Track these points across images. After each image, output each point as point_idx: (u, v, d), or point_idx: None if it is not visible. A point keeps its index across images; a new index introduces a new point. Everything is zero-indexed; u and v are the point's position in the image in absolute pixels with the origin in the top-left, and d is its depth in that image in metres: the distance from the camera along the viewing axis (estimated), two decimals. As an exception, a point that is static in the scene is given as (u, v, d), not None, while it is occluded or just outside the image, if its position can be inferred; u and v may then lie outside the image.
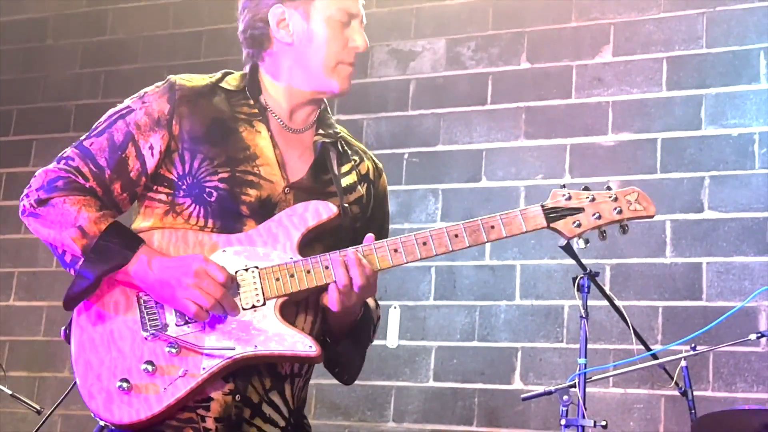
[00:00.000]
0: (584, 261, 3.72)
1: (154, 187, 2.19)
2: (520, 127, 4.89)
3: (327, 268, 2.08)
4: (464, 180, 4.90)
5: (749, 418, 3.40)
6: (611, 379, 4.28)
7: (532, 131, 4.85)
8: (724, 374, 4.27)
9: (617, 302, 3.77)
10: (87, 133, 2.21)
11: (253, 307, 2.07)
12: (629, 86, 4.73)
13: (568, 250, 3.66)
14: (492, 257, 4.76)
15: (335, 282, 2.07)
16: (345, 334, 2.26)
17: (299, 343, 2.06)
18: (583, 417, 3.44)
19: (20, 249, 5.60)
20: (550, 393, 3.64)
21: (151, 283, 2.07)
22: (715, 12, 4.65)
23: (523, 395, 3.89)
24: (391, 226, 2.47)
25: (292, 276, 2.08)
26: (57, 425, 5.26)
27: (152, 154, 2.17)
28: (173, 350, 2.05)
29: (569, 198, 2.14)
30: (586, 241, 2.16)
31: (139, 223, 2.19)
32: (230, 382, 2.08)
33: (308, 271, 2.08)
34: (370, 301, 2.32)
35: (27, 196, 2.14)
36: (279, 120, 2.26)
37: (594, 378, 3.73)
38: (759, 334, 3.53)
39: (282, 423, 2.16)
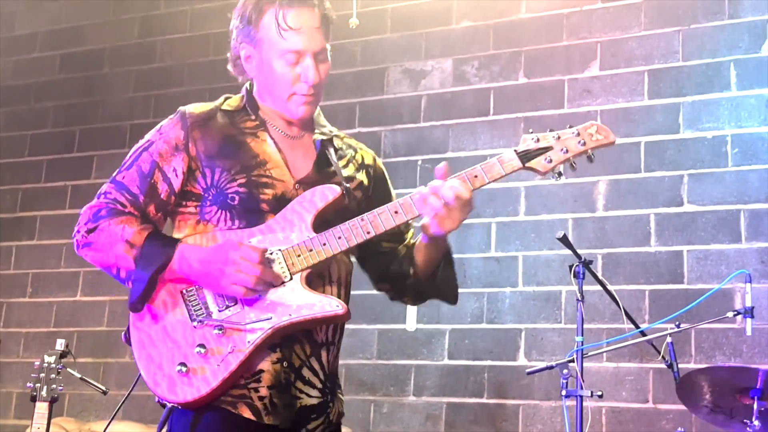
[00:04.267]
0: (579, 251, 3.70)
1: (184, 203, 2.21)
2: (519, 134, 4.86)
3: (339, 238, 2.11)
4: (471, 182, 4.88)
5: (725, 376, 3.37)
6: (605, 354, 4.26)
7: (530, 138, 4.83)
8: (705, 348, 4.24)
9: (609, 287, 3.75)
10: (117, 170, 2.24)
11: (283, 283, 2.09)
12: (615, 96, 4.71)
13: (564, 241, 3.65)
14: (497, 249, 4.75)
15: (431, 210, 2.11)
16: (439, 264, 2.31)
17: (327, 305, 2.09)
18: (581, 388, 3.43)
19: (85, 251, 5.63)
20: (551, 368, 3.62)
21: (196, 275, 2.09)
22: (690, 29, 4.63)
23: (527, 370, 3.88)
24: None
25: (310, 251, 2.10)
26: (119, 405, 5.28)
27: (176, 175, 2.19)
28: (219, 332, 2.07)
29: (537, 140, 2.16)
30: (560, 174, 2.15)
31: (174, 235, 2.21)
32: (276, 351, 2.10)
33: (324, 244, 2.11)
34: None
35: (77, 231, 2.18)
36: (278, 129, 2.28)
37: (590, 354, 3.71)
38: (735, 312, 3.51)
39: (319, 385, 2.17)
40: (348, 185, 2.25)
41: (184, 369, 2.05)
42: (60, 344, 3.83)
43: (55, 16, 6.39)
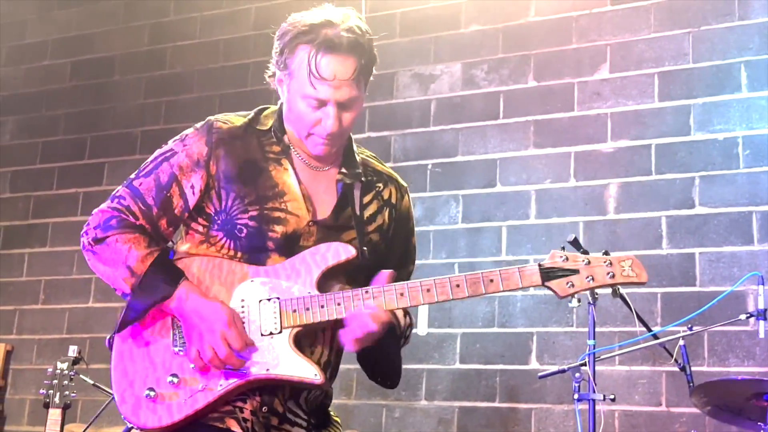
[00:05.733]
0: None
1: (196, 218, 2.17)
2: (529, 138, 4.87)
3: (339, 304, 2.05)
4: (481, 186, 4.88)
5: (741, 387, 3.36)
6: (617, 357, 4.25)
7: (540, 141, 4.83)
8: (718, 351, 4.22)
9: (621, 290, 3.74)
10: (136, 172, 2.18)
11: (271, 334, 2.05)
12: (625, 99, 4.70)
13: (575, 244, 3.63)
14: (508, 253, 4.74)
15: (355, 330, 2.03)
16: (372, 350, 2.17)
17: (306, 371, 2.04)
18: (594, 392, 3.42)
19: (97, 257, 5.64)
20: (563, 371, 3.61)
21: (184, 319, 2.06)
22: (700, 31, 4.61)
23: (539, 374, 3.87)
24: (418, 229, 2.43)
25: (307, 309, 2.05)
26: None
27: (193, 193, 2.14)
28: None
29: (566, 260, 2.07)
30: (579, 300, 2.10)
31: (180, 246, 2.19)
32: (257, 395, 2.07)
33: (322, 306, 2.05)
34: (399, 314, 2.25)
35: (86, 233, 2.14)
36: (302, 159, 2.19)
37: (602, 357, 3.70)
38: (748, 315, 3.50)
39: (305, 424, 2.14)
40: (364, 241, 2.17)
41: (152, 394, 2.03)
42: (73, 351, 3.85)
43: (66, 24, 6.42)
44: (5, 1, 6.55)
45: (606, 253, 2.08)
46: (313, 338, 2.11)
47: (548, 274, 2.06)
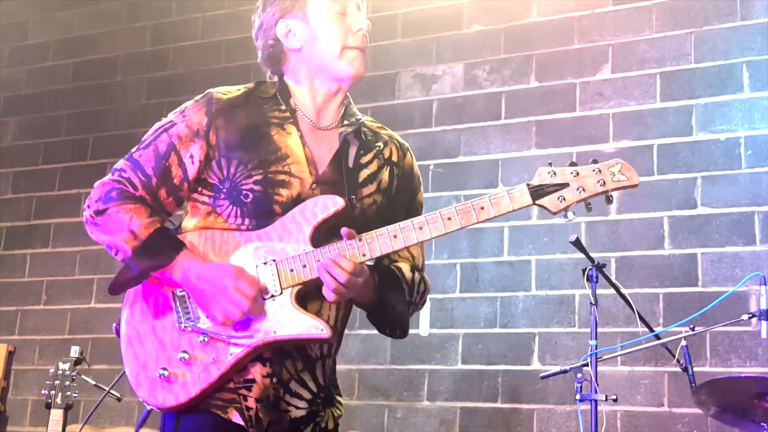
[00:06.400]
0: (592, 254, 3.69)
1: (199, 189, 2.17)
2: (531, 138, 4.87)
3: None
4: (483, 186, 4.88)
5: (743, 385, 3.35)
6: (619, 358, 4.24)
7: (542, 142, 4.83)
8: (720, 351, 4.22)
9: (623, 290, 3.74)
10: (137, 146, 2.20)
11: (272, 297, 2.06)
12: (627, 99, 4.70)
13: (577, 245, 3.64)
14: (510, 254, 4.74)
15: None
16: (373, 306, 2.22)
17: (312, 327, 2.04)
18: (596, 392, 3.41)
19: (99, 258, 5.65)
20: (565, 372, 3.61)
21: (190, 289, 2.08)
22: (702, 31, 4.61)
23: (541, 374, 3.87)
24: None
25: (304, 266, 2.05)
26: (134, 411, 5.30)
27: (192, 162, 2.15)
28: (204, 339, 2.06)
29: (554, 174, 2.02)
30: (573, 213, 2.04)
31: (186, 222, 2.19)
32: (267, 365, 2.08)
33: (318, 260, 2.04)
34: (406, 272, 2.26)
35: (88, 207, 2.15)
36: (308, 120, 2.23)
37: (604, 357, 3.70)
38: (750, 315, 3.49)
39: (308, 396, 2.13)
40: (356, 192, 2.18)
41: (165, 373, 2.04)
42: (74, 351, 3.85)
43: (68, 25, 6.43)
44: (7, 2, 6.56)
45: (594, 161, 2.03)
46: (319, 298, 2.09)
47: (537, 192, 2.01)
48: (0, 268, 6.06)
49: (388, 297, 2.22)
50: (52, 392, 3.70)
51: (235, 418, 2.05)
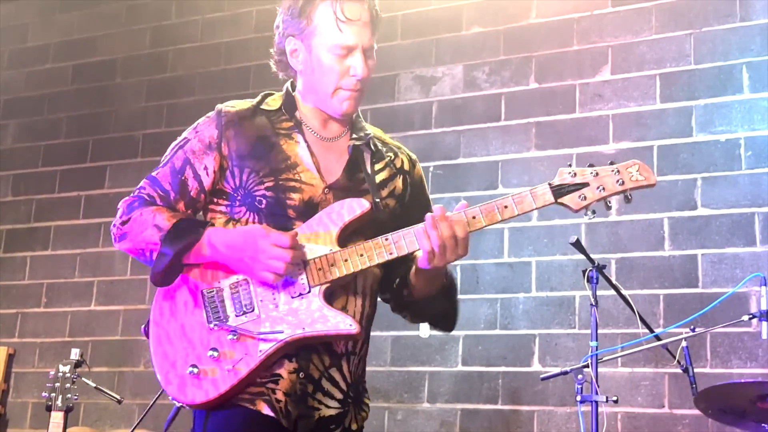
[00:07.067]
0: (592, 256, 3.69)
1: (215, 200, 2.24)
2: (531, 140, 4.87)
3: (361, 255, 2.11)
4: (483, 188, 4.88)
5: (745, 390, 3.35)
6: (620, 359, 4.24)
7: (542, 143, 4.83)
8: (721, 352, 4.22)
9: (623, 291, 3.74)
10: (157, 167, 2.28)
11: (300, 294, 2.10)
12: (627, 100, 4.70)
13: (577, 246, 3.64)
14: (510, 255, 4.74)
15: (424, 246, 2.09)
16: (435, 295, 2.30)
17: (341, 323, 2.09)
18: (596, 393, 3.41)
19: (99, 261, 5.66)
20: (566, 373, 3.61)
21: (226, 260, 2.12)
22: (702, 32, 4.61)
23: (541, 376, 3.87)
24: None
25: (332, 265, 2.11)
26: (135, 413, 5.30)
27: (207, 174, 2.22)
28: (234, 337, 2.09)
29: (574, 175, 2.13)
30: (593, 212, 2.11)
31: None
32: (293, 361, 2.11)
33: (345, 260, 2.11)
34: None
35: (114, 226, 2.23)
36: (313, 132, 2.28)
37: (604, 359, 3.69)
38: (750, 316, 3.48)
39: (340, 396, 2.18)
40: (378, 195, 2.25)
41: (195, 371, 2.08)
42: (75, 354, 3.85)
43: (67, 28, 6.43)
44: (7, 5, 6.56)
45: (612, 163, 2.13)
46: (347, 292, 2.17)
47: (559, 191, 2.11)
48: (0, 270, 6.06)
49: (451, 293, 2.36)
50: (53, 395, 3.71)
51: (265, 409, 2.08)
